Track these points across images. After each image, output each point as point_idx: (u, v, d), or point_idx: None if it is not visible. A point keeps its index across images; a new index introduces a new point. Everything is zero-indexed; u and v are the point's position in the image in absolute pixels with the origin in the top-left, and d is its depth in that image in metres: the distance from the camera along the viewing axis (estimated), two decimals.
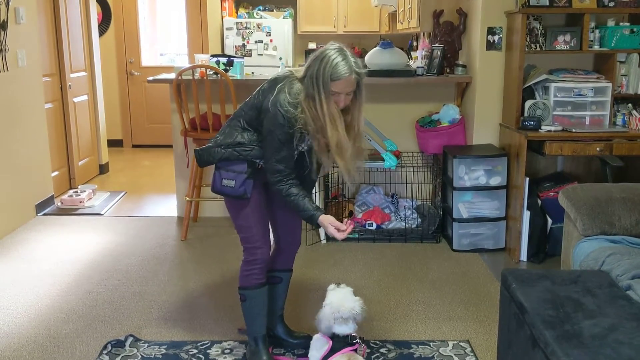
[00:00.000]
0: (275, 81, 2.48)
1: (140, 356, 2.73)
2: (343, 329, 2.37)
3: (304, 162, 2.59)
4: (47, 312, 3.18)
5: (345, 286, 2.48)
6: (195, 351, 2.77)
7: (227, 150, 2.50)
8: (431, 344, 2.84)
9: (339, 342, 2.37)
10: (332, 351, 2.35)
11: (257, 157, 2.51)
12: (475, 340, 2.89)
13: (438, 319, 3.12)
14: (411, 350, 2.77)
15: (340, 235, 2.43)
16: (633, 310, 2.05)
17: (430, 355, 2.73)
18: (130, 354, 2.74)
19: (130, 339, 2.86)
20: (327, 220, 2.45)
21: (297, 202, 2.45)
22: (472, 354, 2.75)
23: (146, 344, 2.83)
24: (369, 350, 2.75)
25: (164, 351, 2.77)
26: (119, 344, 2.82)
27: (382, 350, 2.77)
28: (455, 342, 2.86)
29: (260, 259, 2.58)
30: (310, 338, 2.81)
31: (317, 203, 4.23)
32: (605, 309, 2.05)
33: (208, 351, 2.77)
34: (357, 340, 2.41)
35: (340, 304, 2.37)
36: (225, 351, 2.76)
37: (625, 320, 1.97)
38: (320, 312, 2.42)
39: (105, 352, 2.75)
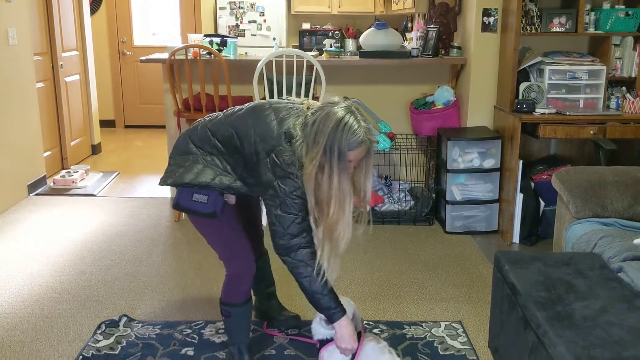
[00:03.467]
0: (265, 119, 2.14)
1: (134, 336, 2.74)
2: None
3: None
4: (40, 292, 3.18)
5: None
6: (189, 331, 2.78)
7: (195, 187, 2.21)
8: (423, 324, 2.86)
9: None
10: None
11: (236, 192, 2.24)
12: (468, 321, 2.91)
13: (431, 300, 3.14)
14: (404, 331, 2.80)
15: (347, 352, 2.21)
16: (624, 292, 2.07)
17: (422, 336, 2.75)
18: (124, 334, 2.75)
19: (124, 319, 2.86)
20: (348, 330, 2.16)
21: (318, 296, 2.13)
22: (464, 334, 2.77)
23: (140, 324, 2.84)
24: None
25: (158, 331, 2.78)
26: (113, 323, 2.83)
27: (375, 330, 2.79)
28: (447, 323, 2.88)
29: (245, 272, 2.38)
30: (299, 318, 2.83)
31: None
32: (596, 291, 2.07)
33: (202, 331, 2.78)
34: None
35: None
36: (219, 331, 2.77)
37: (616, 302, 1.99)
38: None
39: (99, 332, 2.76)
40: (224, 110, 2.34)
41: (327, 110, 2.05)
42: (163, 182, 2.30)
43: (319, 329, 2.30)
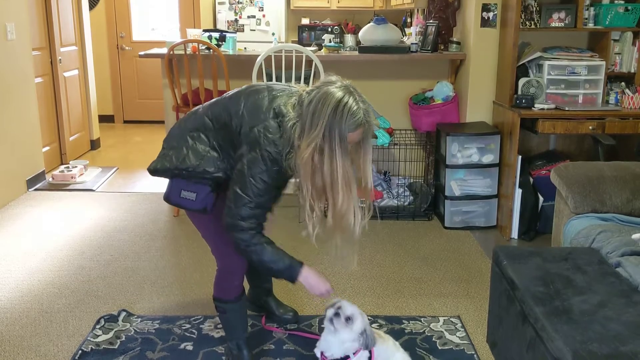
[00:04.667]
0: (260, 99, 2.08)
1: (133, 331, 2.74)
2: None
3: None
4: (39, 287, 3.18)
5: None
6: (188, 326, 2.79)
7: (184, 174, 2.16)
8: (422, 319, 2.87)
9: None
10: None
11: (227, 177, 2.15)
12: (466, 316, 2.92)
13: (429, 295, 3.15)
14: (402, 326, 2.80)
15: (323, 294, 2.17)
16: (622, 287, 2.07)
17: (421, 331, 2.76)
18: (123, 329, 2.75)
19: (123, 314, 2.87)
20: (312, 275, 2.13)
21: (260, 253, 2.07)
22: (463, 329, 2.78)
23: (139, 319, 2.84)
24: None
25: (157, 326, 2.78)
26: (112, 318, 2.83)
27: (374, 325, 2.80)
28: (446, 318, 2.88)
29: (236, 269, 2.33)
30: (297, 313, 2.83)
31: None
32: (594, 286, 2.08)
33: (201, 326, 2.79)
34: None
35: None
36: (218, 326, 2.77)
37: (614, 297, 2.00)
38: (370, 338, 2.11)
39: (98, 326, 2.76)
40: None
41: (324, 90, 1.96)
42: (152, 168, 2.25)
43: (333, 346, 2.15)
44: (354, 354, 2.13)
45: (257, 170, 2.00)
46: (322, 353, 2.19)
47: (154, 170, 2.26)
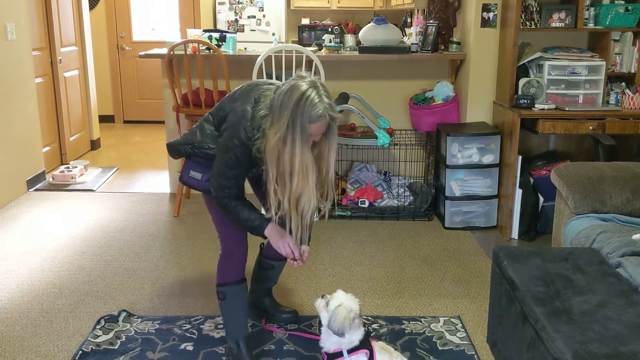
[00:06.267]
0: (250, 90, 2.30)
1: (133, 331, 2.74)
2: (357, 334, 2.15)
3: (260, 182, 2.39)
4: (39, 288, 3.18)
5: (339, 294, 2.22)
6: (188, 326, 2.79)
7: (193, 150, 2.38)
8: (422, 319, 2.87)
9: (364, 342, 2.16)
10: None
11: None
12: (466, 316, 2.92)
13: (429, 295, 3.15)
14: (402, 326, 2.80)
15: (294, 263, 2.35)
16: (622, 288, 2.07)
17: (421, 331, 2.76)
18: (123, 329, 2.75)
19: (123, 314, 2.87)
20: (276, 233, 2.30)
21: (237, 212, 2.27)
22: (463, 329, 2.78)
23: (139, 319, 2.84)
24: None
25: (157, 326, 2.78)
26: (112, 319, 2.83)
27: (374, 326, 2.80)
28: (446, 318, 2.88)
29: (235, 250, 2.46)
30: (297, 313, 2.84)
31: None
32: (595, 286, 2.08)
33: (201, 326, 2.79)
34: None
35: (351, 305, 2.13)
36: (219, 326, 2.77)
37: (614, 297, 2.00)
38: (332, 314, 2.13)
39: (98, 327, 2.76)
40: None
41: (292, 83, 2.13)
42: (169, 142, 2.52)
43: (328, 340, 2.18)
44: (349, 354, 2.13)
45: (230, 146, 2.21)
46: (321, 349, 2.21)
47: (170, 144, 2.51)
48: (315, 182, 2.18)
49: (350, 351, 2.14)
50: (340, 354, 2.15)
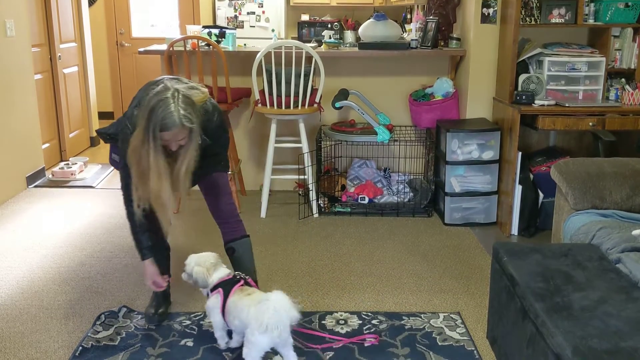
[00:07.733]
0: (143, 89, 2.46)
1: (133, 327, 2.74)
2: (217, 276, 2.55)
3: None
4: (39, 284, 3.18)
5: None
6: (188, 322, 2.79)
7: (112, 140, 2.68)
8: (422, 315, 2.87)
9: (226, 285, 2.48)
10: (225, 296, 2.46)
11: None
12: (466, 312, 2.92)
13: (429, 291, 3.15)
14: (402, 322, 2.80)
15: (153, 286, 2.66)
16: (622, 283, 2.08)
17: (421, 327, 2.76)
18: (123, 325, 2.76)
19: (123, 310, 2.87)
20: (150, 270, 2.64)
21: (132, 230, 2.58)
22: (463, 325, 2.78)
23: (139, 315, 2.84)
24: (360, 322, 2.78)
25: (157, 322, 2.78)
26: (113, 315, 2.83)
27: (374, 321, 2.80)
28: (446, 314, 2.89)
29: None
30: (301, 311, 2.84)
31: (310, 178, 4.23)
32: (594, 282, 2.08)
33: (201, 322, 2.79)
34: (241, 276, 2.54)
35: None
36: None
37: (614, 293, 2.00)
38: (194, 275, 2.56)
39: (98, 323, 2.77)
40: None
41: (155, 90, 2.27)
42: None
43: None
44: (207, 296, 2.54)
45: (120, 144, 2.47)
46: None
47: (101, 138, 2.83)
48: (171, 185, 2.35)
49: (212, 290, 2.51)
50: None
